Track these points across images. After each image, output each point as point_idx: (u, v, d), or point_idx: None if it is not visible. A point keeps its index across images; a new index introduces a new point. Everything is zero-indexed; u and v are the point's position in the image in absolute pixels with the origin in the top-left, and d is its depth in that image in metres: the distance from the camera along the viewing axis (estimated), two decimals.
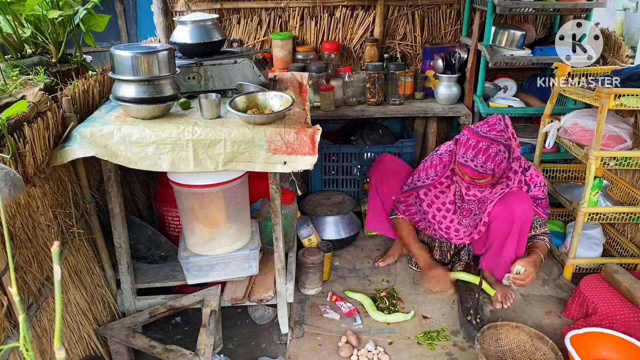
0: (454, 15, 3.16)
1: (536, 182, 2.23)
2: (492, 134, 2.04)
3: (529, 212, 2.17)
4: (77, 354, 1.78)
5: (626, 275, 2.17)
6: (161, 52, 1.69)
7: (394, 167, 2.53)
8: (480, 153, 2.03)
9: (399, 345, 2.09)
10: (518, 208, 2.14)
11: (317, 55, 3.14)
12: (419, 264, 2.46)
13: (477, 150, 2.04)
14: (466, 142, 2.07)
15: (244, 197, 2.03)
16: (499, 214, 2.19)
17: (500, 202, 2.20)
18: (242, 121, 1.75)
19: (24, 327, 0.56)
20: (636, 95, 2.10)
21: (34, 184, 1.57)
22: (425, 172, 2.35)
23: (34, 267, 1.56)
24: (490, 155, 2.02)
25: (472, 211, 2.29)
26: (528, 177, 2.23)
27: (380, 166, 2.54)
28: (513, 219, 2.15)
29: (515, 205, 2.15)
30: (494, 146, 2.03)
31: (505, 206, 2.17)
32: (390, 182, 2.49)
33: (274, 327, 2.24)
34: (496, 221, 2.21)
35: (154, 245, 2.18)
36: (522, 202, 2.16)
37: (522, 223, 2.16)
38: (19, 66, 1.82)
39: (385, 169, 2.51)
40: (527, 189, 2.22)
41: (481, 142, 2.04)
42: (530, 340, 2.01)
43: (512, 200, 2.17)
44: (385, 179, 2.50)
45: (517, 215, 2.14)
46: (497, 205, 2.20)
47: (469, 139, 2.07)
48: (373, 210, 2.60)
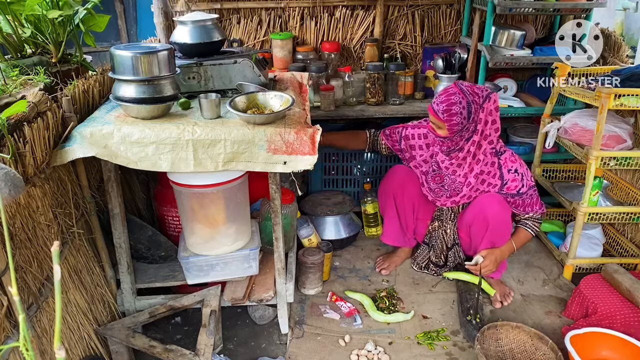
0: (454, 15, 3.16)
1: (510, 167, 2.23)
2: (466, 89, 2.14)
3: (502, 212, 2.23)
4: (77, 354, 1.78)
5: (626, 275, 2.17)
6: (161, 52, 1.69)
7: (411, 176, 2.46)
8: (443, 94, 2.16)
9: (399, 345, 2.10)
10: (490, 210, 2.23)
11: (317, 55, 3.14)
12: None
13: (444, 93, 2.17)
14: (444, 90, 2.19)
15: (244, 197, 2.03)
16: (474, 219, 2.29)
17: (472, 206, 2.30)
18: (242, 121, 1.75)
19: (24, 327, 0.56)
20: (636, 95, 2.10)
21: (34, 184, 1.57)
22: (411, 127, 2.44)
23: (34, 267, 1.56)
24: (450, 101, 2.13)
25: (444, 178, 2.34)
26: (502, 160, 2.25)
27: (395, 176, 2.47)
28: (487, 223, 2.24)
29: (486, 208, 2.23)
30: (458, 95, 2.13)
31: (478, 210, 2.27)
32: (408, 191, 2.45)
33: (274, 327, 2.23)
34: (473, 226, 2.31)
35: (154, 245, 2.18)
36: (492, 204, 2.23)
37: (496, 224, 2.23)
38: (19, 66, 1.82)
39: (402, 178, 2.45)
40: (499, 174, 2.25)
41: (452, 88, 2.17)
42: (530, 340, 2.01)
43: (483, 204, 2.25)
44: (403, 187, 2.44)
45: (490, 218, 2.22)
46: (470, 209, 2.31)
47: (447, 89, 2.19)
48: (390, 224, 2.57)
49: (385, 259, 2.65)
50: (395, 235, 2.59)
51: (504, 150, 2.27)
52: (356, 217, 2.91)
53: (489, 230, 2.24)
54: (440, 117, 2.16)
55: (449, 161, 2.29)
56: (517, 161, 2.25)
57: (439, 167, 2.33)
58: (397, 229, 2.56)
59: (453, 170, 2.30)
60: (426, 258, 2.56)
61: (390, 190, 2.48)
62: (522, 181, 2.23)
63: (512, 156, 2.26)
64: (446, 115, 2.13)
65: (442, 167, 2.32)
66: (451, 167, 2.29)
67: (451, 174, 2.31)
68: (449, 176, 2.32)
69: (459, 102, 2.12)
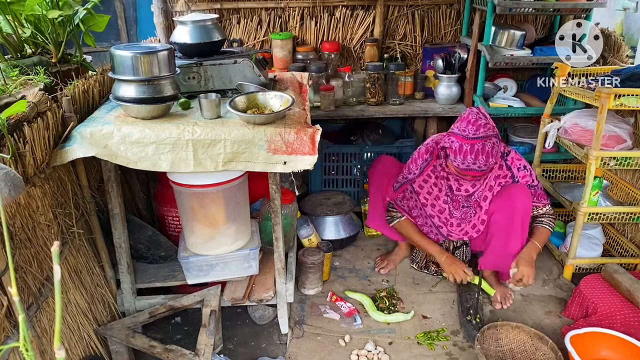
0: (454, 15, 3.16)
1: (518, 166, 2.23)
2: (480, 132, 2.04)
3: (528, 202, 2.19)
4: (77, 354, 1.78)
5: (626, 275, 2.17)
6: (161, 52, 1.69)
7: (395, 165, 2.55)
8: (480, 154, 2.03)
9: (399, 345, 2.09)
10: (519, 198, 2.17)
11: (317, 55, 3.14)
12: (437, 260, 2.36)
13: (476, 153, 2.03)
14: (460, 149, 2.05)
15: (244, 197, 2.03)
16: (500, 207, 2.21)
17: (499, 196, 2.23)
18: (242, 121, 1.75)
19: (24, 327, 0.56)
20: (636, 95, 2.10)
21: (34, 184, 1.57)
22: (414, 164, 2.35)
23: (34, 267, 1.56)
24: (489, 152, 2.03)
25: (461, 202, 2.30)
26: (509, 161, 2.24)
27: (380, 165, 2.54)
28: (514, 210, 2.16)
29: (515, 196, 2.18)
30: (488, 142, 2.04)
31: (505, 198, 2.20)
32: (393, 179, 2.48)
33: (274, 327, 2.23)
34: (497, 213, 2.22)
35: (154, 245, 2.18)
36: (521, 193, 2.18)
37: (523, 213, 2.17)
38: (19, 66, 1.82)
39: (387, 166, 2.52)
40: (510, 174, 2.23)
41: (476, 144, 2.03)
42: (530, 340, 2.01)
43: (511, 193, 2.19)
44: (388, 175, 2.49)
45: (519, 206, 2.16)
46: (496, 198, 2.23)
47: (461, 146, 2.05)
48: (374, 209, 2.59)
49: (383, 259, 2.65)
50: (378, 220, 2.57)
51: (508, 151, 2.26)
52: (356, 217, 2.91)
53: (515, 219, 2.16)
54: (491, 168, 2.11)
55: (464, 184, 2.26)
56: (522, 159, 2.26)
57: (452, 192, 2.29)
58: (381, 212, 2.54)
59: (466, 190, 2.26)
60: (424, 257, 2.56)
61: (375, 176, 2.52)
62: (531, 176, 2.24)
63: (516, 154, 2.26)
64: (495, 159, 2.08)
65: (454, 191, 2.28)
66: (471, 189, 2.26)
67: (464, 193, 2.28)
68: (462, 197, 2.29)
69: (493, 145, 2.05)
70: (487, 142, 2.03)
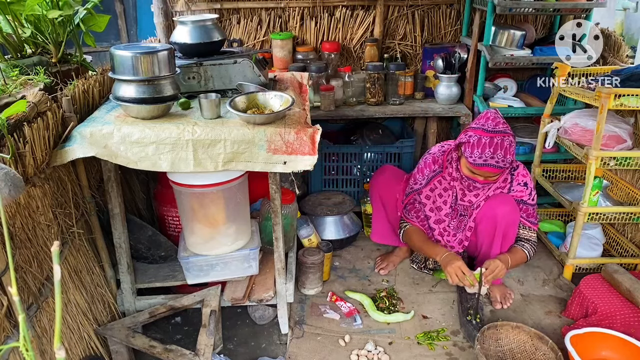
0: (454, 15, 3.16)
1: (519, 181, 2.21)
2: (500, 127, 2.02)
3: (512, 213, 2.16)
4: (77, 354, 1.78)
5: (626, 275, 2.17)
6: (161, 52, 1.69)
7: (397, 174, 2.52)
8: (498, 148, 1.99)
9: (399, 345, 2.09)
10: (500, 210, 2.15)
11: (317, 55, 3.14)
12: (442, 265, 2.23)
13: (495, 146, 1.99)
14: (479, 142, 2.01)
15: (244, 197, 2.03)
16: (483, 217, 2.21)
17: (484, 205, 2.22)
18: (242, 121, 1.75)
19: (24, 327, 0.56)
20: (636, 95, 2.10)
21: (34, 184, 1.57)
22: (421, 173, 2.34)
23: (34, 267, 1.56)
24: (507, 148, 2.01)
25: (459, 211, 2.30)
26: (515, 175, 2.22)
27: (381, 175, 2.52)
28: (496, 221, 2.16)
29: (497, 207, 2.16)
30: (507, 138, 2.01)
31: (488, 209, 2.19)
32: (393, 189, 2.47)
33: (274, 327, 2.23)
34: (481, 224, 2.24)
35: (154, 245, 2.18)
36: (504, 204, 2.16)
37: (505, 224, 2.16)
38: (19, 66, 1.82)
39: (388, 177, 2.50)
40: (509, 187, 2.21)
41: (495, 137, 2.00)
42: (530, 340, 2.01)
43: (494, 203, 2.18)
44: (388, 185, 2.48)
45: (500, 217, 2.15)
46: (481, 208, 2.23)
47: (480, 138, 2.02)
48: (377, 222, 2.58)
49: (383, 259, 2.65)
50: (383, 233, 2.58)
51: (517, 165, 2.24)
52: (356, 217, 2.91)
53: (497, 229, 2.16)
54: (507, 166, 2.05)
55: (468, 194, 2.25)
56: (527, 175, 2.23)
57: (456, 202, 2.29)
58: (385, 226, 2.55)
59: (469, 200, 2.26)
60: (423, 258, 2.55)
61: (377, 188, 2.50)
62: (530, 194, 2.22)
63: (524, 170, 2.24)
64: (512, 158, 2.04)
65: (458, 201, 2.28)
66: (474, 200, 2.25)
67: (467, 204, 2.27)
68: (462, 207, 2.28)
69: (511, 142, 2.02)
70: (506, 138, 2.01)
